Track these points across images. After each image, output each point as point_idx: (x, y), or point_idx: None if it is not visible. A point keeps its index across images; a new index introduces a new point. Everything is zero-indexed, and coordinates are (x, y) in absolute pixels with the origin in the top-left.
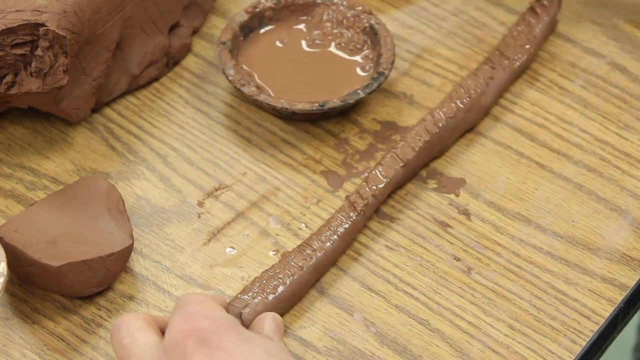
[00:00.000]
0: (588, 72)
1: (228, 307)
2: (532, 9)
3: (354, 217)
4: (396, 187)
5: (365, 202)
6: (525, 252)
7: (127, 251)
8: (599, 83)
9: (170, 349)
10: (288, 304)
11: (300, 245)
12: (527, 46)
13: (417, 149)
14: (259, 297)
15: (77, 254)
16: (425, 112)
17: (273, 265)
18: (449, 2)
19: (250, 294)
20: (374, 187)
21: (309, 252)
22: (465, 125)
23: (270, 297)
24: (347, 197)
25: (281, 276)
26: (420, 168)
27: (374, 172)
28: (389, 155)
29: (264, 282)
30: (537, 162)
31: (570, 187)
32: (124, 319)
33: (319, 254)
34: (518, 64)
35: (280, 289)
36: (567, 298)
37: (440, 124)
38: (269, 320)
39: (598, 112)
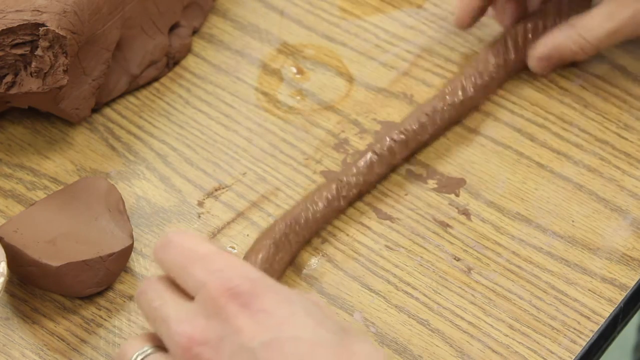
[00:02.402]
0: (588, 72)
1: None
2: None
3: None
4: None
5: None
6: (525, 252)
7: (127, 251)
8: (599, 83)
9: (210, 311)
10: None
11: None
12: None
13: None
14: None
15: (77, 254)
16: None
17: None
18: (449, 2)
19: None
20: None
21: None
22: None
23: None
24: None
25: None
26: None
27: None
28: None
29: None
30: (537, 162)
31: (570, 187)
32: (149, 282)
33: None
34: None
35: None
36: (567, 298)
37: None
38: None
39: (598, 112)
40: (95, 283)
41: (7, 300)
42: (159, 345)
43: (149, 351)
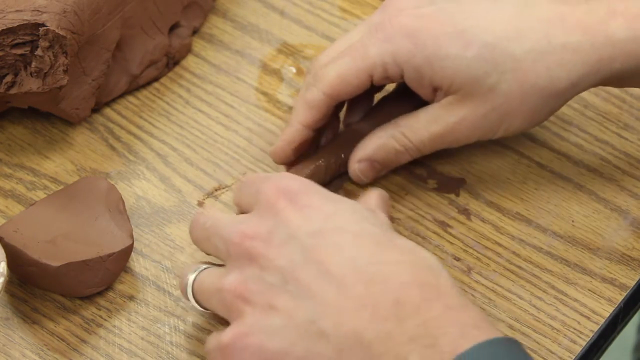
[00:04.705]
0: None
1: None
2: None
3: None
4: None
5: None
6: (525, 252)
7: (127, 251)
8: None
9: (263, 210)
10: None
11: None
12: None
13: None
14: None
15: (77, 254)
16: None
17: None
18: None
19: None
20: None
21: None
22: None
23: None
24: None
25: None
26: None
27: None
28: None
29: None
30: (537, 162)
31: (570, 187)
32: (198, 213)
33: None
34: None
35: None
36: (567, 298)
37: None
38: (375, 196)
39: (598, 112)
40: (95, 283)
41: (7, 300)
42: (215, 264)
43: (203, 267)
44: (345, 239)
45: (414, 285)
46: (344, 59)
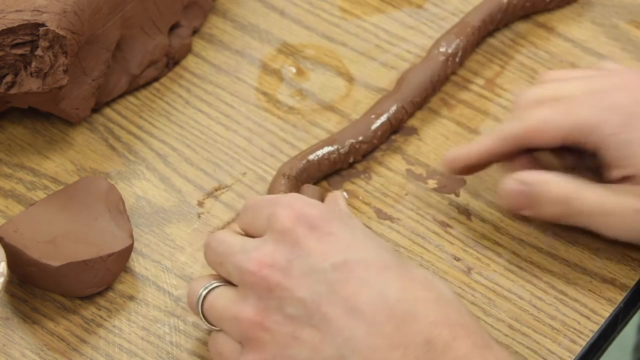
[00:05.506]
0: None
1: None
2: None
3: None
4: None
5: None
6: (525, 252)
7: (127, 251)
8: None
9: (278, 238)
10: None
11: None
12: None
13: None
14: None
15: (77, 254)
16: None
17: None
18: (449, 2)
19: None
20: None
21: None
22: None
23: None
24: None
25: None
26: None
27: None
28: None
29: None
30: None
31: None
32: (211, 236)
33: None
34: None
35: None
36: (567, 298)
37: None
38: (341, 200)
39: None
40: (95, 283)
41: (7, 300)
42: (227, 281)
43: (215, 284)
44: (370, 272)
45: (444, 324)
46: (553, 109)
